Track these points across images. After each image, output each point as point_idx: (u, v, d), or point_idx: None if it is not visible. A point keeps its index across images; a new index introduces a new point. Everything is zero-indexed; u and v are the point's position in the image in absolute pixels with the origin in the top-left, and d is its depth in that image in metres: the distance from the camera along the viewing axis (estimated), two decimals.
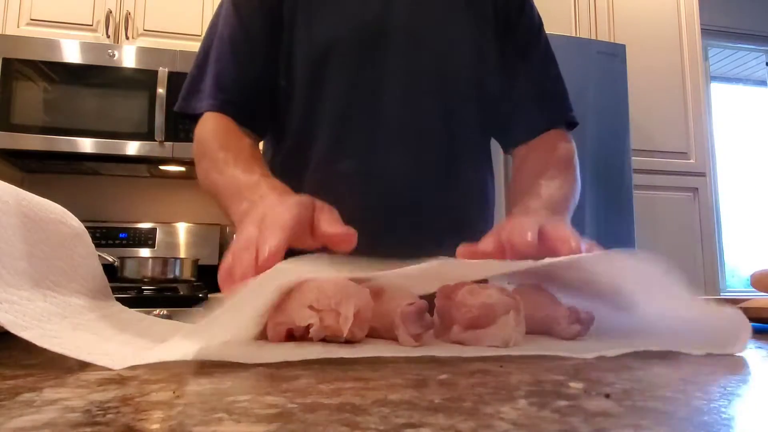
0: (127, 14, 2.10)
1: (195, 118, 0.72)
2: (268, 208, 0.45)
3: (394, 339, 0.37)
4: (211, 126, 0.69)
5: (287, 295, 0.37)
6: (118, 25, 2.09)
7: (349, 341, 0.36)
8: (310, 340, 0.36)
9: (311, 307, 0.36)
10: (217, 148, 0.65)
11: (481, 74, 0.77)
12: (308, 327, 0.36)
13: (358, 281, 0.38)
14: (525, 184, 0.69)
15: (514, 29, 0.79)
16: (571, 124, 0.79)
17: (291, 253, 0.40)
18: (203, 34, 0.77)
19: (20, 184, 2.24)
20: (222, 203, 0.61)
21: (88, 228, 0.49)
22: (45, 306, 0.36)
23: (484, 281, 0.43)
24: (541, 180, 0.67)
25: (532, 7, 0.82)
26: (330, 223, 0.44)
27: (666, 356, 0.33)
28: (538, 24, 0.82)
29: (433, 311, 0.42)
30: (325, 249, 0.44)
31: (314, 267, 0.38)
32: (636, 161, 2.26)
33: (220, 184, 0.61)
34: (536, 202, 0.61)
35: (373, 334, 0.39)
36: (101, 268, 0.49)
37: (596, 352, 0.33)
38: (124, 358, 0.29)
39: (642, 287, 0.40)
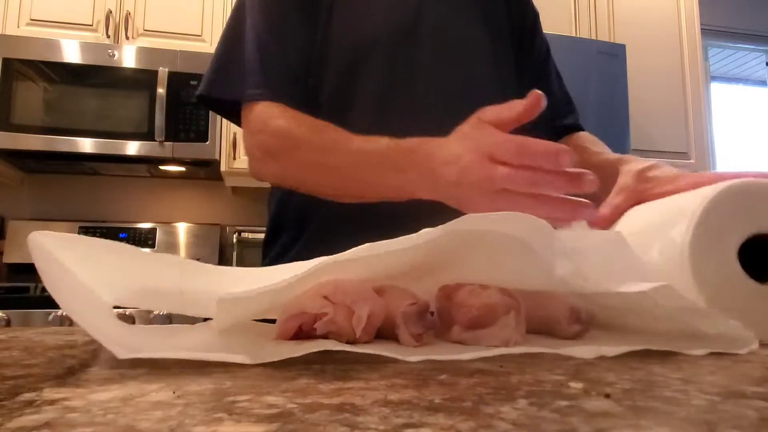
0: (127, 14, 2.10)
1: (222, 104, 0.71)
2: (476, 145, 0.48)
3: (395, 339, 0.37)
4: (284, 116, 0.66)
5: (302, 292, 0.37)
6: (118, 25, 2.09)
7: (350, 343, 0.36)
8: (315, 337, 0.36)
9: (326, 298, 0.36)
10: (311, 132, 0.63)
11: (502, 84, 0.79)
12: (316, 319, 0.36)
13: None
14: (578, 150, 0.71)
15: (528, 50, 0.84)
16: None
17: None
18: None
19: (20, 184, 2.25)
20: (360, 178, 0.59)
21: (88, 228, 0.49)
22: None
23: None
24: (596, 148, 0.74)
25: (541, 32, 0.88)
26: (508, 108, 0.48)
27: (666, 356, 0.33)
28: (546, 46, 0.87)
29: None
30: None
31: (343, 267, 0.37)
32: None
33: (346, 162, 0.59)
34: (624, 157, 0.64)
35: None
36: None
37: (596, 352, 0.33)
38: (131, 348, 0.29)
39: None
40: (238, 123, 0.70)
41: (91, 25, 2.08)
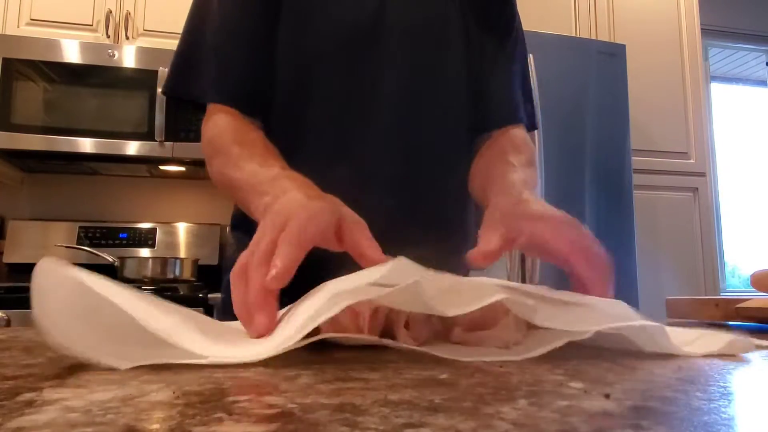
0: (127, 14, 2.10)
1: (188, 102, 0.72)
2: (292, 212, 0.42)
3: (394, 339, 0.37)
4: (221, 122, 0.68)
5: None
6: (118, 25, 2.09)
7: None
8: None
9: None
10: (230, 142, 0.64)
11: (471, 71, 0.77)
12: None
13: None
14: (492, 162, 0.70)
15: (497, 18, 0.79)
16: (532, 127, 0.82)
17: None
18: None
19: (20, 184, 2.24)
20: (242, 199, 0.59)
21: (88, 228, 0.48)
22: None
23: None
24: (509, 157, 0.68)
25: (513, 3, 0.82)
26: (373, 249, 0.42)
27: (666, 356, 0.33)
28: (517, 18, 0.81)
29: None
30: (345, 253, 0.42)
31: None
32: (636, 161, 2.26)
33: (237, 179, 0.59)
34: (515, 179, 0.62)
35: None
36: None
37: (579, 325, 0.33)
38: (130, 358, 0.29)
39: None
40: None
41: (91, 25, 2.08)
